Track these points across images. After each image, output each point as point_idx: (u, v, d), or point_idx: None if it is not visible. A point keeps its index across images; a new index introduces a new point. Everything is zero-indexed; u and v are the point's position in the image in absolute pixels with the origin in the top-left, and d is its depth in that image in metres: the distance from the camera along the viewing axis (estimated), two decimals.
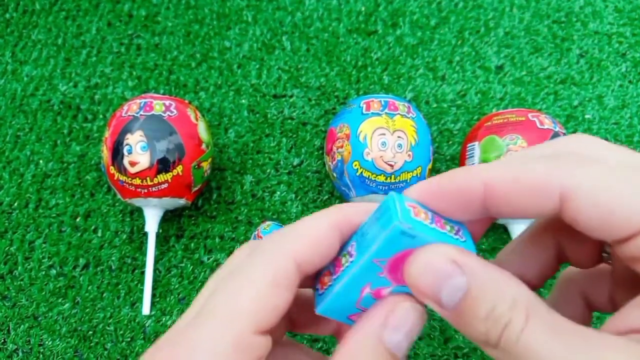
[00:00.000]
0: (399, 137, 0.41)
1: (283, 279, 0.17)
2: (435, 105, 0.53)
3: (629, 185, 0.15)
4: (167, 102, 0.43)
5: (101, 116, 0.53)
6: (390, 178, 0.41)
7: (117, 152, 0.41)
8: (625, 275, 0.18)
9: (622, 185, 0.15)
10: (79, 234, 0.47)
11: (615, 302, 0.19)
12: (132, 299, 0.44)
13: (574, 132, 0.52)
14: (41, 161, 0.50)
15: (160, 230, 0.47)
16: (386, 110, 0.42)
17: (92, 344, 0.42)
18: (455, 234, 0.17)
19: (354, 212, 0.18)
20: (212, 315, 0.16)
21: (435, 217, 0.17)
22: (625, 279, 0.18)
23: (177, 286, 0.44)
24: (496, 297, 0.15)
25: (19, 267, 0.45)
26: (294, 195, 0.48)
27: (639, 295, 0.15)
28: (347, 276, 0.18)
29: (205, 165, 0.44)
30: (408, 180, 0.42)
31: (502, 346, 0.15)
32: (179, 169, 0.42)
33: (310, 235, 0.18)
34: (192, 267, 0.45)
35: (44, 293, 0.44)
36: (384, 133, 0.41)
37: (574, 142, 0.17)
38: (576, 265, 0.20)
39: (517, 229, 0.42)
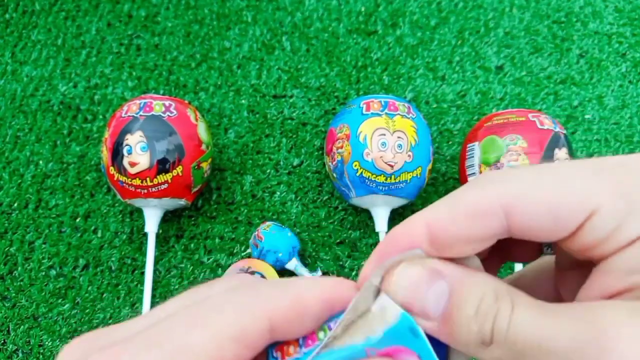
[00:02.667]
0: (399, 137, 0.41)
1: (250, 337, 0.15)
2: (435, 105, 0.53)
3: (560, 182, 0.15)
4: (167, 103, 0.43)
5: (101, 117, 0.52)
6: (390, 178, 0.41)
7: (116, 153, 0.41)
8: (570, 262, 0.19)
9: (555, 185, 0.15)
10: (78, 235, 0.47)
11: (560, 290, 0.20)
12: (132, 299, 0.44)
13: (574, 132, 0.52)
14: (41, 162, 0.50)
15: (160, 231, 0.47)
16: (386, 111, 0.42)
17: None
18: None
19: (351, 289, 0.17)
20: (158, 344, 0.14)
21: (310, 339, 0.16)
22: (570, 265, 0.19)
23: (177, 287, 0.44)
24: (480, 292, 0.15)
25: (19, 268, 0.45)
26: (294, 196, 0.48)
27: (600, 265, 0.15)
28: (325, 352, 0.16)
29: (205, 166, 0.44)
30: (408, 181, 0.42)
31: (495, 339, 0.15)
32: (179, 169, 0.42)
33: (298, 297, 0.16)
34: (192, 267, 0.45)
35: (43, 294, 0.44)
36: (384, 133, 0.41)
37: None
38: (516, 260, 0.20)
39: (379, 212, 0.43)
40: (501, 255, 0.20)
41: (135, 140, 0.41)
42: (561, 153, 0.40)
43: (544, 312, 0.14)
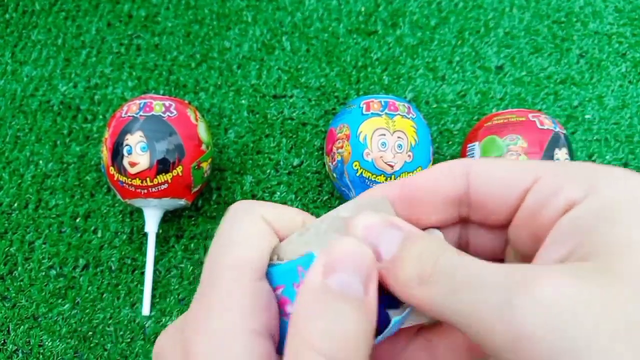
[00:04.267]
0: (399, 137, 0.41)
1: (268, 230, 0.18)
2: (435, 105, 0.53)
3: (513, 162, 0.18)
4: (167, 103, 0.43)
5: (101, 117, 0.52)
6: (390, 179, 0.41)
7: (116, 153, 0.41)
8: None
9: (508, 162, 0.18)
10: (78, 235, 0.47)
11: None
12: (132, 299, 0.44)
13: (574, 132, 0.52)
14: (41, 162, 0.50)
15: (160, 231, 0.47)
16: (386, 111, 0.42)
17: (92, 345, 0.42)
18: None
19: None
20: (219, 276, 0.17)
21: None
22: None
23: (177, 287, 0.44)
24: (429, 242, 0.17)
25: (19, 268, 0.45)
26: (294, 196, 0.48)
27: (547, 238, 0.17)
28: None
29: (205, 166, 0.44)
30: None
31: (436, 274, 0.15)
32: (179, 169, 0.42)
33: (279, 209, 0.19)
34: (192, 267, 0.45)
35: (43, 294, 0.44)
36: (384, 133, 0.41)
37: None
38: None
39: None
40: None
41: (135, 140, 0.41)
42: (561, 153, 0.41)
43: (487, 262, 0.15)
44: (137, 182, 0.41)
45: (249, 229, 0.18)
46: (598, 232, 0.15)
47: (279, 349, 0.17)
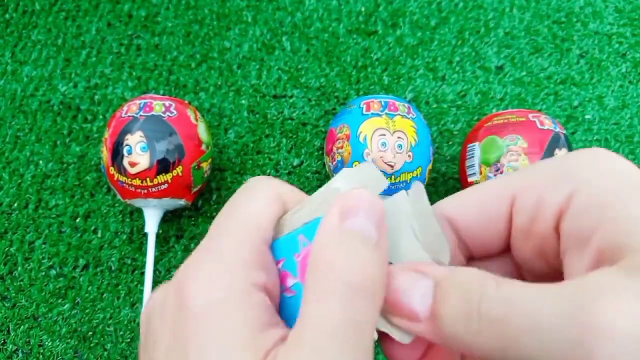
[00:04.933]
0: (399, 137, 0.41)
1: (279, 199, 0.18)
2: (435, 105, 0.53)
3: (481, 189, 0.18)
4: (167, 103, 0.43)
5: (101, 117, 0.52)
6: (391, 179, 0.41)
7: (116, 153, 0.41)
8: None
9: (476, 192, 0.18)
10: (78, 235, 0.47)
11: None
12: (132, 299, 0.44)
13: (574, 132, 0.52)
14: (41, 162, 0.50)
15: (160, 231, 0.47)
16: (386, 111, 0.42)
17: (92, 345, 0.42)
18: None
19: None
20: (226, 233, 0.17)
21: None
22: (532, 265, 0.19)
23: None
24: (463, 280, 0.15)
25: (19, 268, 0.45)
26: None
27: (561, 250, 0.16)
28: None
29: (205, 166, 0.44)
30: (408, 181, 0.42)
31: (485, 323, 0.14)
32: (179, 169, 0.42)
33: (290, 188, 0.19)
34: None
35: (43, 294, 0.44)
36: (384, 134, 0.41)
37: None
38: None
39: None
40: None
41: (135, 141, 0.41)
42: (561, 153, 0.40)
43: (535, 289, 0.14)
44: (137, 182, 0.41)
45: (261, 196, 0.18)
46: (607, 226, 0.14)
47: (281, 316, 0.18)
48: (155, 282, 0.44)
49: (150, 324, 0.17)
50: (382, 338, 0.18)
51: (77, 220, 0.47)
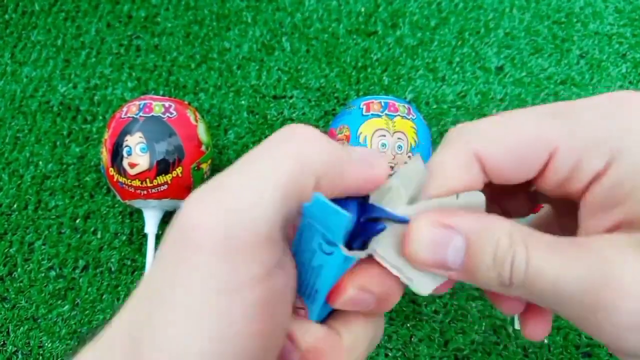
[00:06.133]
0: (399, 138, 0.41)
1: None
2: (435, 106, 0.53)
3: (521, 128, 0.17)
4: (167, 104, 0.43)
5: (100, 117, 0.52)
6: None
7: (116, 154, 0.41)
8: (563, 207, 0.20)
9: (516, 132, 0.17)
10: (78, 236, 0.47)
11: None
12: None
13: None
14: (40, 162, 0.50)
15: (160, 232, 0.47)
16: (386, 112, 0.42)
17: None
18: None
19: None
20: (252, 165, 0.17)
21: None
22: (565, 210, 0.20)
23: None
24: (494, 240, 0.16)
25: (19, 269, 0.45)
26: None
27: (581, 207, 0.17)
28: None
29: (205, 167, 0.44)
30: None
31: (514, 281, 0.16)
32: (179, 170, 0.41)
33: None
34: None
35: (43, 295, 0.44)
36: (384, 134, 0.41)
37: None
38: (512, 216, 0.21)
39: None
40: (498, 210, 0.21)
41: (134, 141, 0.41)
42: None
43: (556, 252, 0.15)
44: (137, 183, 0.41)
45: (274, 180, 0.17)
46: (635, 199, 0.15)
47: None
48: None
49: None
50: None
51: (77, 221, 0.47)
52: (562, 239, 0.16)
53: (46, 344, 0.42)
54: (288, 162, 0.16)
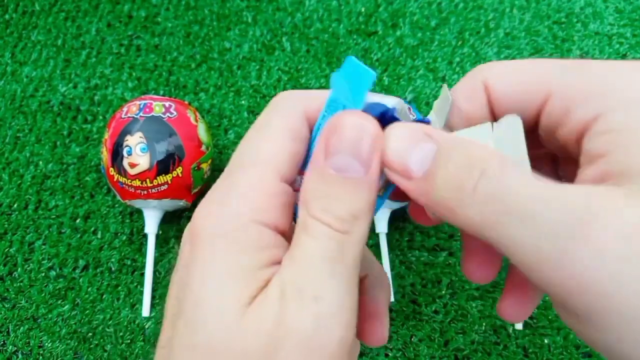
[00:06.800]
0: None
1: (297, 132, 0.18)
2: None
3: (528, 71, 0.18)
4: (167, 104, 0.43)
5: (101, 117, 0.52)
6: None
7: (116, 154, 0.41)
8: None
9: (524, 73, 0.18)
10: (78, 236, 0.47)
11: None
12: (132, 300, 0.44)
13: None
14: (41, 162, 0.50)
15: (160, 232, 0.47)
16: None
17: (91, 346, 0.42)
18: None
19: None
20: (242, 169, 0.18)
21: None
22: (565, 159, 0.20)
23: None
24: (466, 152, 0.16)
25: (19, 269, 0.45)
26: None
27: (580, 157, 0.17)
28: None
29: (205, 167, 0.44)
30: None
31: (478, 198, 0.15)
32: (179, 170, 0.41)
33: (319, 96, 0.19)
34: None
35: (43, 295, 0.44)
36: None
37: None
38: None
39: (379, 213, 0.43)
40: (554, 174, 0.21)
41: (135, 141, 0.41)
42: None
43: (536, 179, 0.15)
44: (137, 183, 0.41)
45: (281, 126, 0.18)
46: (627, 150, 0.15)
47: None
48: (155, 283, 0.44)
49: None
50: (467, 257, 0.20)
51: (77, 221, 0.47)
52: (544, 177, 0.15)
53: (46, 344, 0.42)
54: (280, 137, 0.18)
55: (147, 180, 0.41)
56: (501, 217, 0.14)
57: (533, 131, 0.19)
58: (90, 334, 0.42)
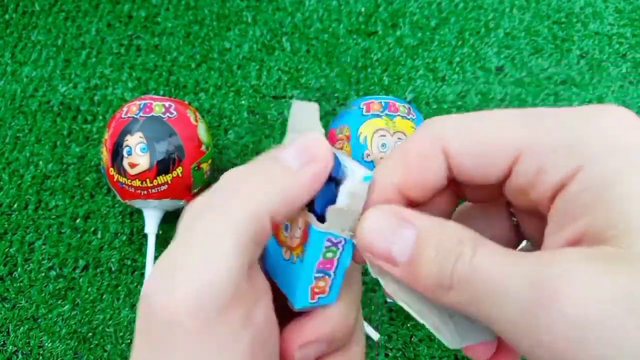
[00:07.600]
0: (399, 138, 0.41)
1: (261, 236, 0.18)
2: (435, 106, 0.53)
3: (490, 127, 0.17)
4: (167, 104, 0.43)
5: (101, 117, 0.52)
6: None
7: (116, 154, 0.41)
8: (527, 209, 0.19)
9: (485, 129, 0.17)
10: (78, 236, 0.47)
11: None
12: (131, 300, 0.44)
13: None
14: (41, 162, 0.50)
15: (160, 232, 0.47)
16: (386, 112, 0.42)
17: (91, 346, 0.42)
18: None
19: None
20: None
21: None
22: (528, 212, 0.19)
23: None
24: (443, 236, 0.16)
25: (19, 269, 0.45)
26: None
27: (548, 215, 0.16)
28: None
29: (205, 167, 0.44)
30: None
31: (454, 281, 0.15)
32: (179, 170, 0.41)
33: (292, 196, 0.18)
34: None
35: (43, 295, 0.44)
36: (384, 134, 0.41)
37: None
38: (471, 201, 0.20)
39: None
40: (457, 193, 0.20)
41: (135, 141, 0.41)
42: None
43: (505, 257, 0.15)
44: (137, 183, 0.41)
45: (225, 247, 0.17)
46: (606, 207, 0.14)
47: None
48: None
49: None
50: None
51: (77, 221, 0.47)
52: (516, 251, 0.15)
53: (46, 344, 0.42)
54: (240, 218, 0.17)
55: (147, 180, 0.41)
56: (477, 298, 0.15)
57: (499, 188, 0.18)
58: (90, 334, 0.42)
